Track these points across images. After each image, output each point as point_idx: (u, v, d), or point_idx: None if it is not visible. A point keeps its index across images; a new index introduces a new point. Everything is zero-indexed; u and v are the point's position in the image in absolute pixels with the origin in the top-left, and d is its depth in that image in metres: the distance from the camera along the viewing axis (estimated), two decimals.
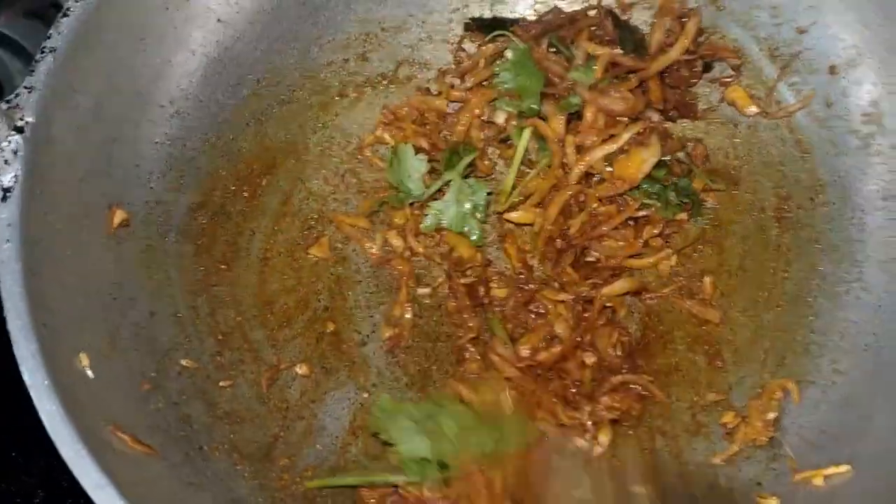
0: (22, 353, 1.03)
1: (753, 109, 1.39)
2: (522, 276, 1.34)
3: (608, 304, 1.31)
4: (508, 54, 1.37)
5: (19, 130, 1.14)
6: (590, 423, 1.21)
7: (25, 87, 1.16)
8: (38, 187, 1.14)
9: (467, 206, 1.35)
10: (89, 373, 1.11)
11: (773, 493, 1.17)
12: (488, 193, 1.36)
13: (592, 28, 1.37)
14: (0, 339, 1.05)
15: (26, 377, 1.02)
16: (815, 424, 1.22)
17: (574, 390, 1.25)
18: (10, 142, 1.13)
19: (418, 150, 1.38)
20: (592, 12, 1.39)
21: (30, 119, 1.15)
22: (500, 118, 1.38)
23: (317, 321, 1.34)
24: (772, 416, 1.25)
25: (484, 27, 1.45)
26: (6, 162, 1.12)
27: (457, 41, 1.48)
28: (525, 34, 1.38)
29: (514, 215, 1.37)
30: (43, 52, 1.18)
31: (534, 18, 1.43)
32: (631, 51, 1.35)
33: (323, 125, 1.46)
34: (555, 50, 1.38)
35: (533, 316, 1.31)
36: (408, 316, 1.33)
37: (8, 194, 1.11)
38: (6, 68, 1.64)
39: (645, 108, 1.34)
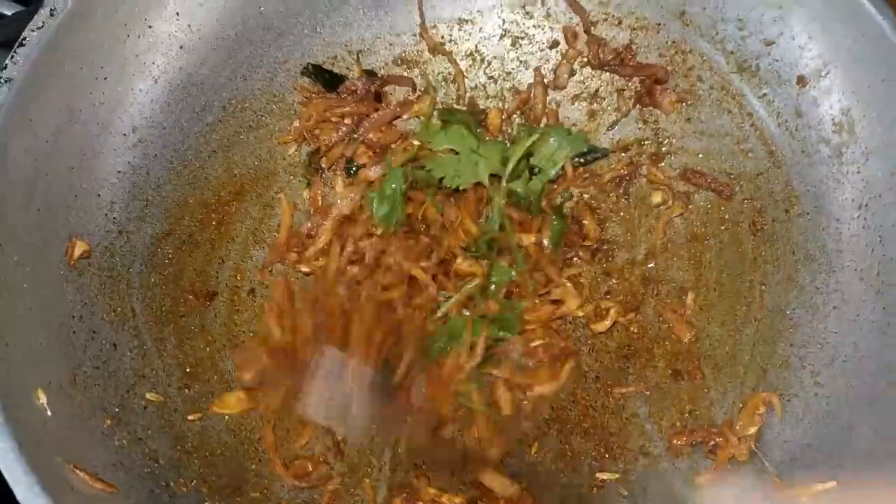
0: None
1: None
2: None
3: None
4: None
5: None
6: None
7: None
8: None
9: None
10: (47, 409, 1.07)
11: None
12: None
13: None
14: None
15: None
16: (798, 438, 1.20)
17: None
18: None
19: None
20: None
21: None
22: None
23: None
24: (752, 430, 1.23)
25: (318, 77, 1.45)
26: None
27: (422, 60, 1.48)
28: (352, 99, 1.40)
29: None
30: None
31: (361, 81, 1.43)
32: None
33: (293, 151, 1.44)
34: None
35: None
36: None
37: None
38: None
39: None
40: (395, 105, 1.45)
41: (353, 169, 1.43)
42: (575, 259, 1.37)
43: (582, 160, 1.42)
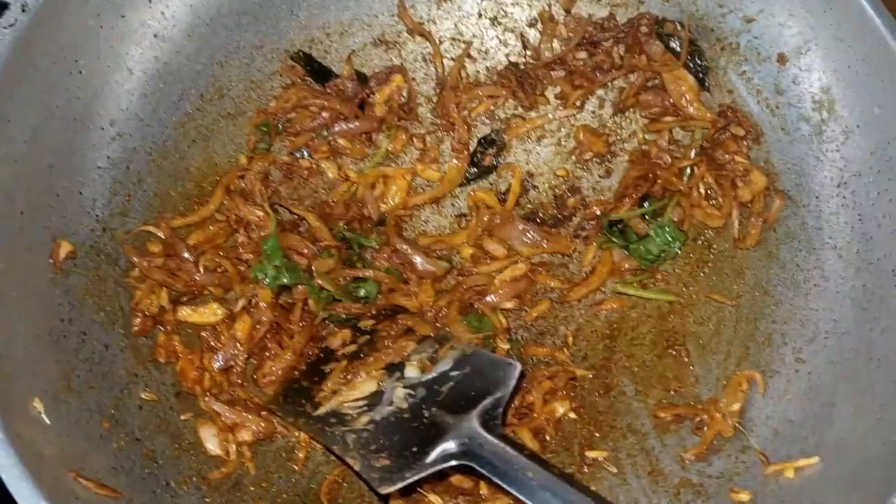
0: None
1: None
2: None
3: None
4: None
5: None
6: None
7: None
8: None
9: None
10: (45, 418, 1.06)
11: (745, 488, 1.19)
12: None
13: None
14: None
15: None
16: (781, 414, 1.24)
17: None
18: None
19: None
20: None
21: None
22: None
23: None
24: (736, 406, 1.27)
25: (308, 66, 1.43)
26: None
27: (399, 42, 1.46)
28: (337, 97, 1.40)
29: None
30: None
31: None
32: None
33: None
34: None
35: None
36: None
37: None
38: None
39: None
40: (375, 118, 1.43)
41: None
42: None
43: None
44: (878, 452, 1.08)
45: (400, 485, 1.10)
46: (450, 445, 1.11)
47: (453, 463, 1.10)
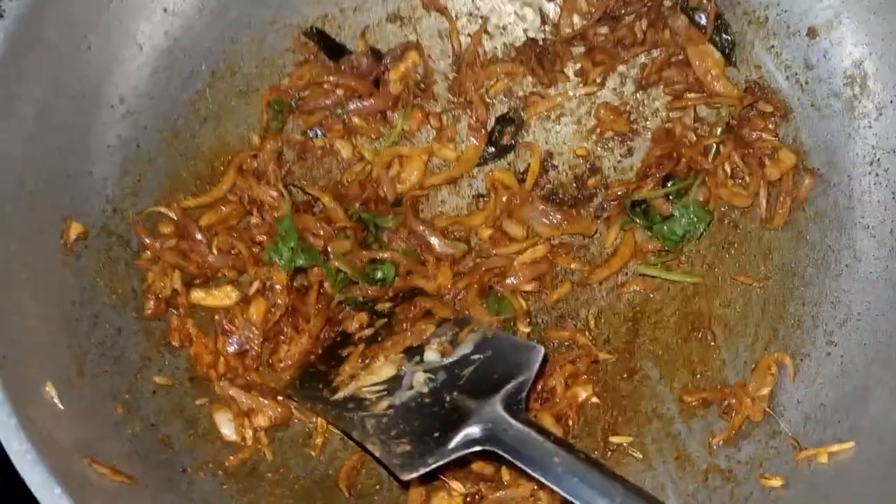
0: None
1: None
2: None
3: None
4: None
5: None
6: None
7: None
8: None
9: None
10: (58, 403, 1.04)
11: (777, 474, 1.16)
12: None
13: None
14: None
15: None
16: (812, 399, 1.21)
17: None
18: None
19: None
20: None
21: None
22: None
23: None
24: (765, 390, 1.24)
25: (321, 42, 1.39)
26: None
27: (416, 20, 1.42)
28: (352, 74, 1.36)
29: None
30: None
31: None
32: None
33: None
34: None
35: None
36: None
37: None
38: None
39: None
40: (391, 96, 1.39)
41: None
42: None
43: None
44: None
45: (422, 471, 1.07)
46: (473, 430, 1.08)
47: (477, 449, 1.07)
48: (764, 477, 1.17)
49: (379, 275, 1.33)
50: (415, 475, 1.08)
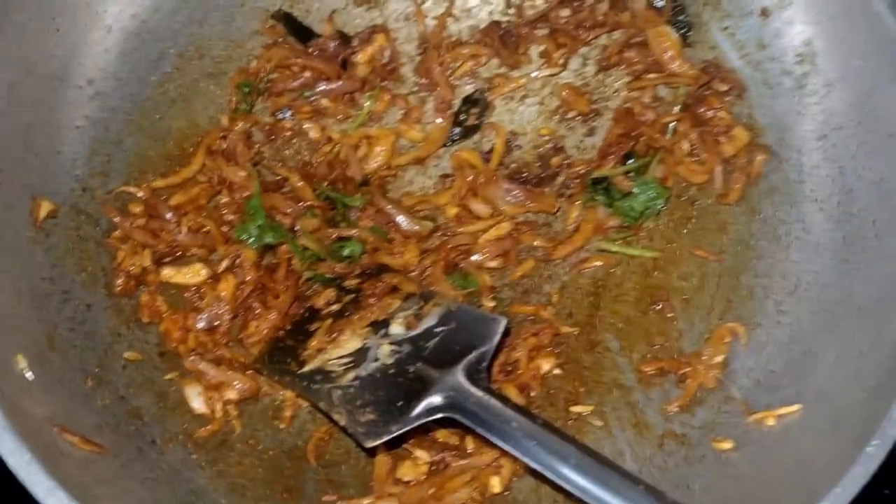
0: None
1: None
2: None
3: None
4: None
5: None
6: None
7: None
8: None
9: None
10: (28, 374, 1.06)
11: (728, 437, 1.20)
12: None
13: None
14: None
15: None
16: (762, 365, 1.25)
17: None
18: None
19: None
20: None
21: None
22: None
23: None
24: (719, 359, 1.28)
25: (289, 25, 1.42)
26: None
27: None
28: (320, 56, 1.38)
29: None
30: None
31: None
32: None
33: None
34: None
35: None
36: None
37: None
38: None
39: None
40: (358, 78, 1.41)
41: None
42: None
43: None
44: (857, 399, 1.09)
45: (386, 437, 1.10)
46: (435, 399, 1.11)
47: (438, 416, 1.10)
48: (716, 440, 1.21)
49: (346, 252, 1.35)
50: (378, 442, 1.11)
